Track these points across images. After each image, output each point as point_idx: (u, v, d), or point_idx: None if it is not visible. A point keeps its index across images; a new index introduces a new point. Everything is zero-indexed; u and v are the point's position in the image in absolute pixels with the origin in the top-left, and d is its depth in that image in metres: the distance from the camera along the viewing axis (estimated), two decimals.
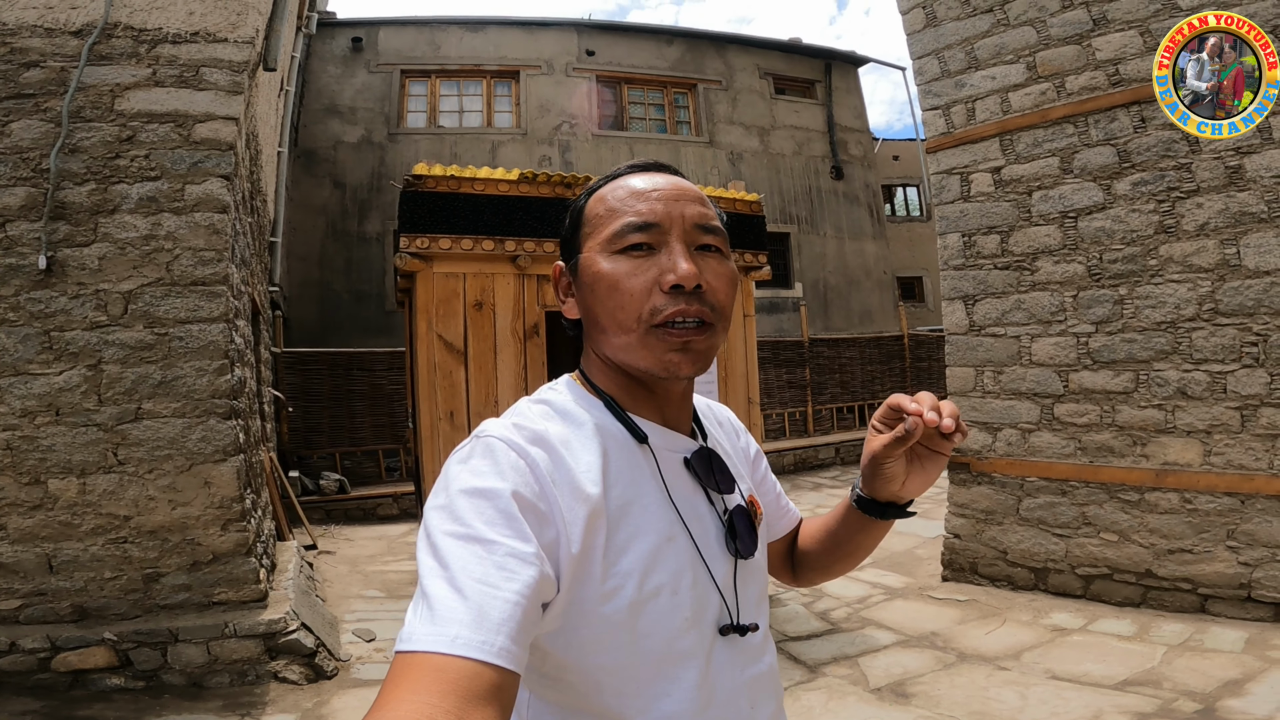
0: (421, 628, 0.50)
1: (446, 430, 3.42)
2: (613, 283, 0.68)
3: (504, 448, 0.62)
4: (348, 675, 3.29)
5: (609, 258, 0.69)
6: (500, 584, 0.53)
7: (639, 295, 0.67)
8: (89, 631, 3.03)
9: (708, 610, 0.68)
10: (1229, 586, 3.46)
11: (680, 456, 0.72)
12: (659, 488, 0.68)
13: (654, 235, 0.68)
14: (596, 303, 0.70)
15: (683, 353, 0.67)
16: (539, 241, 3.59)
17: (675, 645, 0.64)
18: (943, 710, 2.80)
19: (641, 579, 0.63)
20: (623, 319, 0.67)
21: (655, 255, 0.68)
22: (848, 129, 13.63)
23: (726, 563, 0.71)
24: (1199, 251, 3.62)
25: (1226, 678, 2.87)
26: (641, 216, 0.69)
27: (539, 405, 0.71)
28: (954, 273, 4.50)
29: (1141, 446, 3.76)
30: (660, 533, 0.66)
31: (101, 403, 3.15)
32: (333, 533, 6.43)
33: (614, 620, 0.62)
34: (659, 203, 0.69)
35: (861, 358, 11.00)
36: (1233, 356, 3.50)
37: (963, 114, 4.46)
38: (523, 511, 0.58)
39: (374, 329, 10.02)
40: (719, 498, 0.74)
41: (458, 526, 0.56)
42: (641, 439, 0.70)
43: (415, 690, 0.47)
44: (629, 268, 0.68)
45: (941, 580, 4.42)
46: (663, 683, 0.64)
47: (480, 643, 0.49)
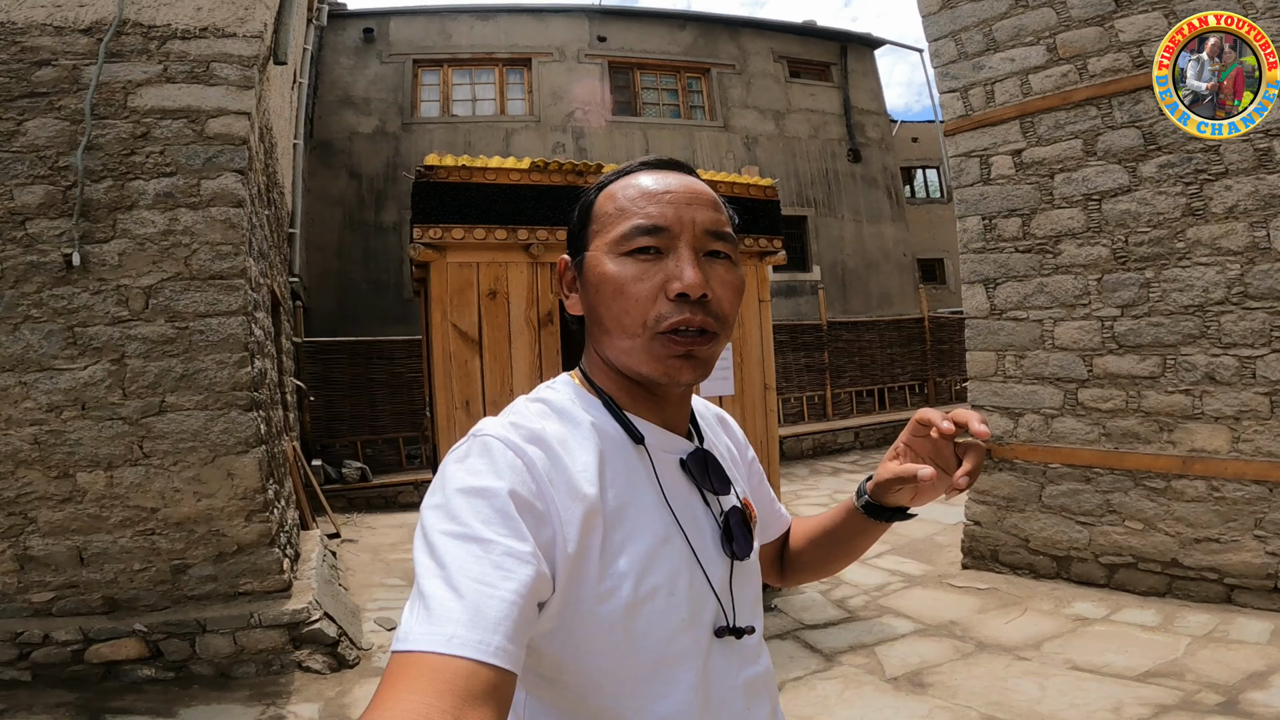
0: (418, 627, 0.50)
1: (463, 419, 3.44)
2: (618, 286, 0.67)
3: (501, 447, 0.62)
4: (369, 664, 3.34)
5: (616, 259, 0.68)
6: (497, 583, 0.52)
7: (644, 301, 0.66)
8: (120, 623, 3.10)
9: (704, 612, 0.68)
10: (1256, 577, 3.39)
11: (677, 458, 0.72)
12: (655, 489, 0.68)
13: (662, 239, 0.67)
14: (600, 304, 0.69)
15: (685, 360, 0.67)
16: (551, 230, 3.58)
17: (672, 646, 0.64)
18: (959, 701, 2.78)
19: (638, 580, 0.63)
20: (627, 323, 0.67)
21: (662, 260, 0.67)
22: (865, 111, 13.44)
23: (722, 564, 0.71)
24: (1228, 234, 3.52)
25: (1251, 670, 2.82)
26: (650, 219, 0.67)
27: (536, 404, 0.71)
28: (974, 256, 4.43)
29: (1168, 433, 3.69)
30: (656, 534, 0.66)
31: (126, 396, 3.20)
32: (355, 521, 6.53)
33: (610, 621, 0.61)
34: (669, 206, 0.68)
35: (881, 340, 10.89)
36: (1262, 341, 3.41)
37: (981, 96, 4.37)
38: (519, 511, 0.57)
39: (392, 318, 10.10)
40: (715, 499, 0.74)
41: (454, 526, 0.56)
42: (639, 440, 0.69)
43: (412, 690, 0.46)
44: (635, 271, 0.67)
45: (961, 568, 4.38)
46: (659, 684, 0.64)
47: (477, 642, 0.49)
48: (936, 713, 2.69)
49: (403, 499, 7.27)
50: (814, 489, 7.28)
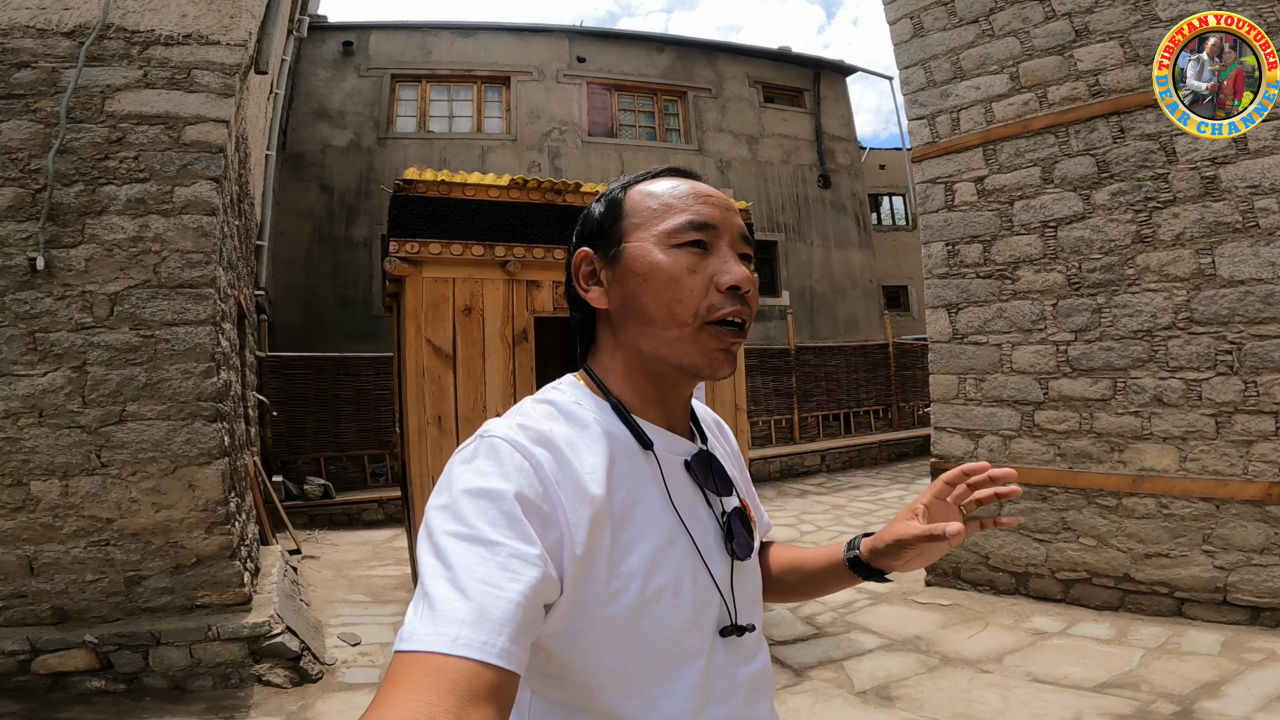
0: (423, 627, 0.50)
1: (434, 434, 3.42)
2: (673, 276, 0.69)
3: (508, 448, 0.62)
4: (333, 679, 3.27)
5: (667, 250, 0.70)
6: (503, 584, 0.53)
7: (699, 290, 0.69)
8: (69, 634, 3.00)
9: (708, 611, 0.69)
10: (1205, 590, 3.52)
11: (681, 459, 0.74)
12: (660, 490, 0.69)
13: (711, 236, 0.71)
14: (648, 293, 0.70)
15: (726, 353, 0.71)
16: (529, 247, 3.61)
17: (677, 646, 0.65)
18: (926, 712, 2.83)
19: (645, 580, 0.64)
20: (679, 311, 0.69)
21: (708, 256, 0.70)
22: (835, 138, 13.76)
23: (724, 564, 0.72)
24: (1175, 261, 3.69)
25: (1203, 680, 2.92)
26: (702, 216, 0.71)
27: (543, 405, 0.71)
28: (938, 281, 4.56)
29: (1119, 453, 3.83)
30: (662, 535, 0.67)
31: (86, 404, 3.13)
32: (317, 538, 6.39)
33: (618, 621, 0.62)
34: (716, 208, 0.72)
35: (847, 365, 11.09)
36: (1208, 364, 3.58)
37: (948, 124, 4.52)
38: (526, 513, 0.58)
39: (359, 334, 9.97)
40: (717, 500, 0.75)
41: (461, 527, 0.56)
42: (647, 446, 0.70)
43: (415, 689, 0.47)
44: (689, 263, 0.69)
45: (925, 585, 4.46)
46: (664, 683, 0.64)
47: (482, 643, 0.49)
48: None
49: (366, 516, 7.15)
50: (781, 510, 7.36)
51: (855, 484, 8.74)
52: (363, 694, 3.12)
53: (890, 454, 10.39)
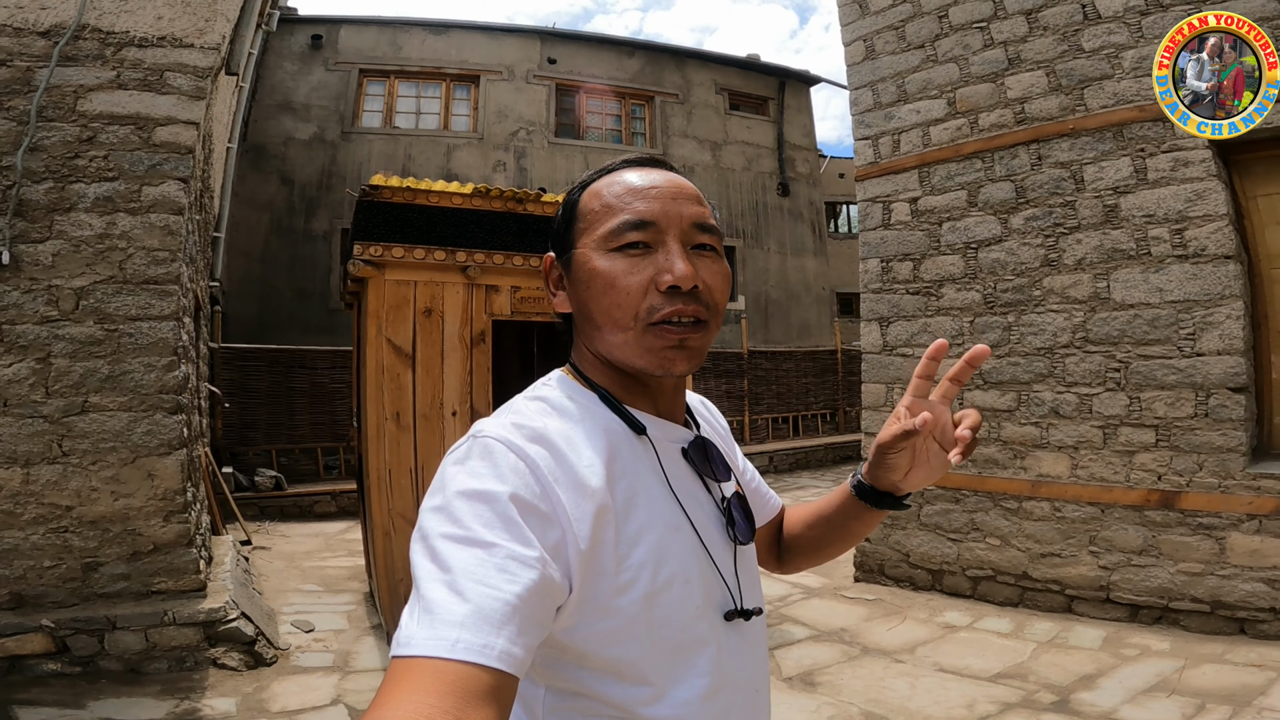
0: (420, 631, 0.50)
1: (393, 430, 3.58)
2: (609, 281, 0.68)
3: (502, 449, 0.61)
4: (287, 663, 3.41)
5: (605, 255, 0.68)
6: (501, 586, 0.52)
7: (635, 294, 0.67)
8: (27, 619, 3.08)
9: (714, 597, 0.69)
10: (1091, 588, 3.84)
11: (678, 447, 0.73)
12: (660, 479, 0.69)
13: (651, 234, 0.68)
14: (591, 300, 0.69)
15: (678, 350, 0.68)
16: (489, 253, 3.79)
17: (689, 633, 0.65)
18: (844, 698, 3.06)
19: (654, 570, 0.64)
20: (619, 317, 0.68)
21: (652, 254, 0.68)
22: (796, 147, 14.07)
23: (727, 550, 0.72)
24: (1075, 284, 3.98)
25: (1082, 672, 3.18)
26: (639, 215, 0.68)
27: (535, 402, 0.70)
28: (872, 296, 4.84)
29: (1021, 459, 4.15)
30: (666, 523, 0.66)
31: (49, 395, 3.21)
32: (268, 529, 6.44)
33: (630, 613, 0.62)
34: (656, 201, 0.69)
35: (798, 370, 11.47)
36: (1099, 381, 3.90)
37: (889, 145, 4.73)
38: (523, 515, 0.57)
39: (316, 327, 9.93)
40: (716, 486, 0.75)
41: (456, 529, 0.55)
42: (640, 431, 0.70)
43: (414, 691, 0.46)
44: (625, 266, 0.68)
45: (854, 581, 4.74)
46: (678, 670, 0.64)
47: (481, 646, 0.49)
48: (824, 708, 2.97)
49: (319, 509, 7.21)
50: None
51: (800, 484, 9.07)
52: (317, 677, 3.28)
53: (835, 456, 10.78)
